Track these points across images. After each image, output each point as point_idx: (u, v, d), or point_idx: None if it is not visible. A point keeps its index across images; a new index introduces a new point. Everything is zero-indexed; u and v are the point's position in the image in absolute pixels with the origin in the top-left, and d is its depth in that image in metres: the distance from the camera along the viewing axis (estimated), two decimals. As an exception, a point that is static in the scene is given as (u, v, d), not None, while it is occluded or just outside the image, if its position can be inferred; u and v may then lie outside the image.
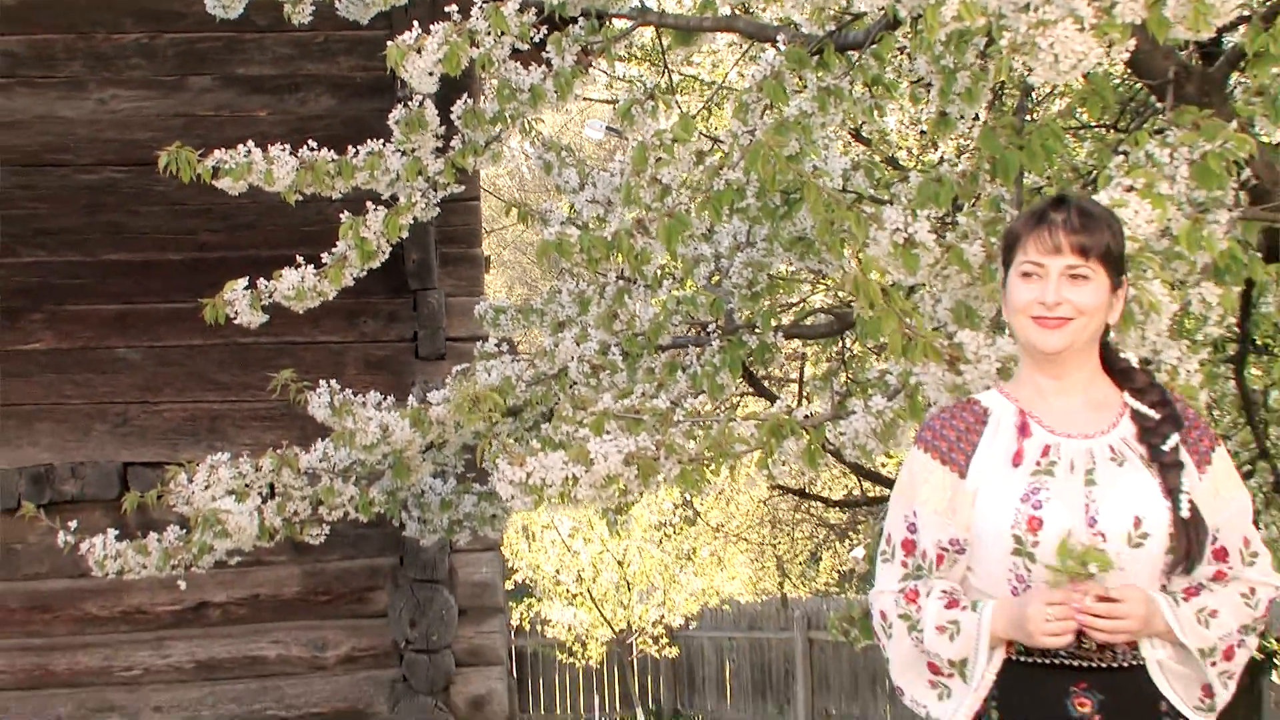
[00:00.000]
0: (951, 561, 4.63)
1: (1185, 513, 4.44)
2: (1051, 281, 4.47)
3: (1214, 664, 4.52)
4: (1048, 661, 4.49)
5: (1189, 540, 4.44)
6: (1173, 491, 4.47)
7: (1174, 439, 4.53)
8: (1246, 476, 8.25)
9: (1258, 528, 4.88)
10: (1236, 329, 8.25)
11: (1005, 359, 5.47)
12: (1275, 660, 11.28)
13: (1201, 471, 4.57)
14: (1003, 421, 4.61)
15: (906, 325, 5.62)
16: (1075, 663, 4.47)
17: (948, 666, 4.59)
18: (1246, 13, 6.10)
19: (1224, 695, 4.58)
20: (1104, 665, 4.48)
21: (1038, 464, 4.51)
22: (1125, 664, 4.49)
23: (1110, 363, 4.71)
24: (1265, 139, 5.83)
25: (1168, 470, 4.49)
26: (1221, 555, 4.58)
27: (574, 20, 6.42)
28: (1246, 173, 5.95)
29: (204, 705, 10.02)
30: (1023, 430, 4.57)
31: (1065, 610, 4.31)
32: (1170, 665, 4.50)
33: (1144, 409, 4.58)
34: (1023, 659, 4.51)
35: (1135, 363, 4.76)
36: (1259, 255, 5.94)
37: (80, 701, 9.99)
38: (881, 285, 5.54)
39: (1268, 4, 6.49)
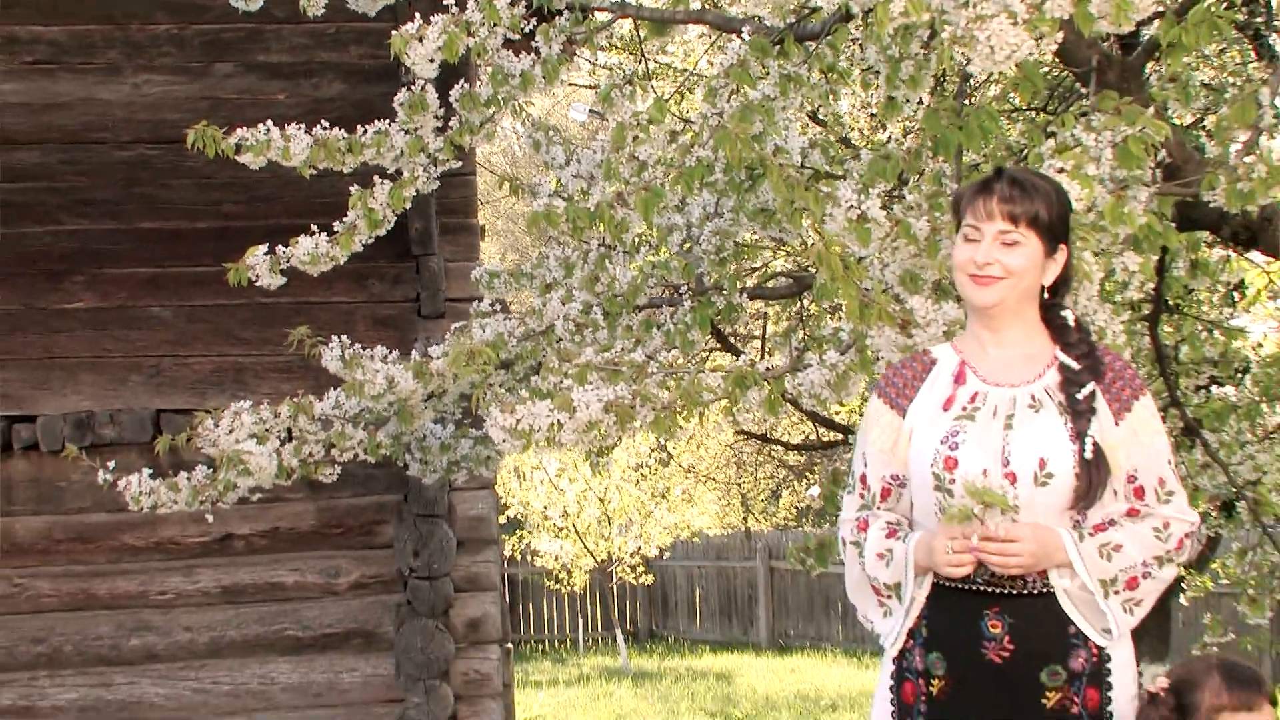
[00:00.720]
0: (896, 495, 4.72)
1: (1089, 454, 4.49)
2: (985, 243, 4.55)
3: (1116, 593, 4.56)
4: (965, 587, 4.55)
5: (1090, 479, 4.50)
6: (1080, 435, 4.53)
7: (1089, 388, 4.60)
8: (1159, 423, 8.27)
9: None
10: (1153, 291, 8.26)
11: (951, 323, 5.51)
12: (1183, 585, 11.28)
13: (1120, 418, 4.61)
14: (943, 369, 4.69)
15: (864, 293, 5.64)
16: (990, 589, 4.54)
17: (885, 589, 4.68)
18: (1161, 8, 6.12)
19: (1129, 620, 4.62)
20: (1015, 592, 4.55)
21: (963, 409, 4.60)
22: (1036, 591, 4.55)
23: (1049, 320, 4.74)
24: (1178, 121, 5.84)
25: (1079, 416, 4.55)
26: (1139, 493, 4.63)
27: (560, 13, 6.42)
28: (1162, 153, 5.97)
29: (229, 626, 10.03)
30: (958, 379, 4.66)
31: (962, 544, 4.39)
32: (1077, 593, 4.55)
33: (1069, 361, 4.64)
34: (946, 584, 4.58)
35: (1072, 321, 4.79)
36: (1173, 226, 5.95)
37: (119, 622, 9.99)
38: (842, 257, 5.56)
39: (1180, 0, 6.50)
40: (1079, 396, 4.58)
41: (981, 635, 4.54)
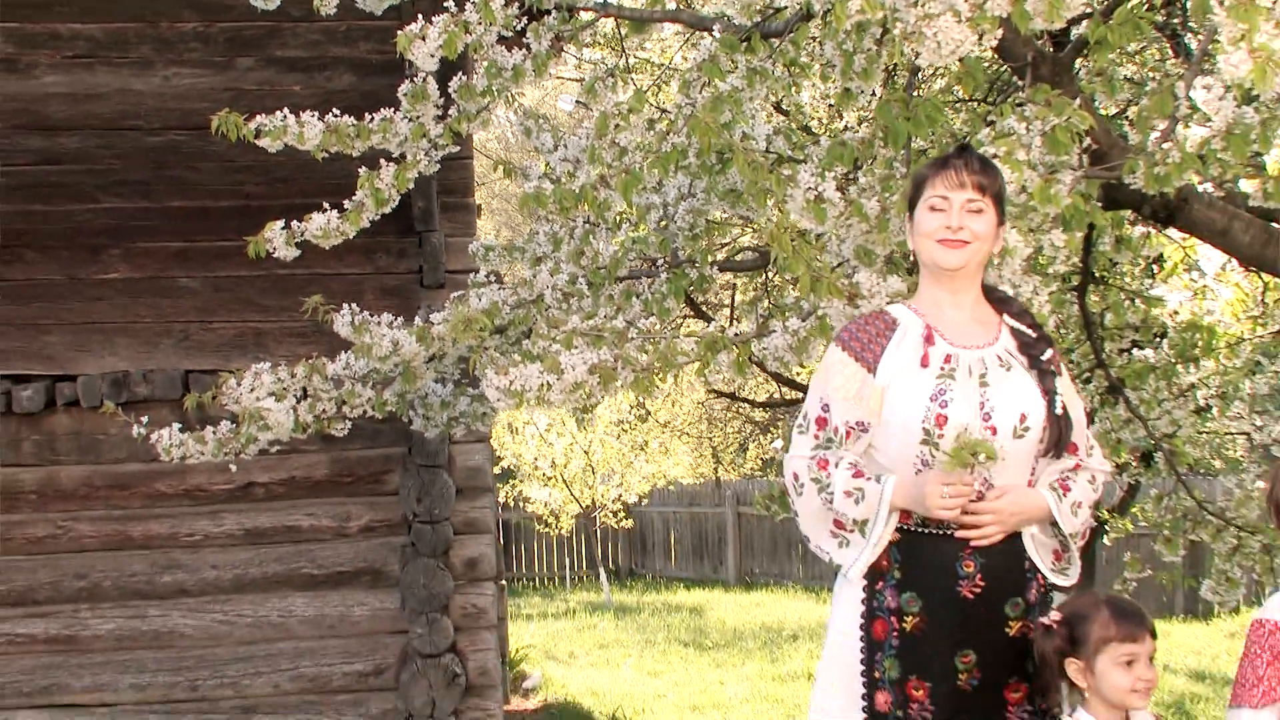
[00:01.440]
0: (857, 438, 4.70)
1: (1059, 410, 4.59)
2: (955, 211, 4.60)
3: (1077, 544, 4.67)
4: (942, 532, 4.57)
5: (1059, 432, 4.59)
6: (1050, 393, 4.61)
7: (1049, 353, 4.70)
8: (1086, 382, 8.33)
9: (1093, 424, 4.96)
10: (1080, 264, 8.27)
11: (894, 294, 5.53)
12: (1107, 527, 11.32)
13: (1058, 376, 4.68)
14: (910, 331, 4.70)
15: (813, 268, 5.64)
16: (966, 535, 4.57)
17: (851, 524, 4.66)
18: (1089, 9, 6.12)
19: (1079, 563, 4.72)
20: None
21: (942, 369, 4.61)
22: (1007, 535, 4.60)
23: (989, 292, 4.82)
24: (1103, 112, 5.85)
25: (1045, 376, 4.64)
26: (1073, 450, 4.71)
27: (548, 12, 6.41)
28: (1088, 141, 5.97)
29: (251, 565, 10.03)
30: (928, 340, 4.67)
31: (955, 489, 4.42)
32: (1038, 537, 4.63)
33: (1022, 328, 4.74)
34: (922, 530, 4.59)
35: (1008, 295, 4.92)
36: (1098, 205, 5.95)
37: (152, 561, 9.99)
38: (793, 236, 5.57)
39: (1107, 1, 6.50)
40: (1043, 359, 4.67)
41: (957, 575, 4.57)
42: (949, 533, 4.56)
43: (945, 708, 4.57)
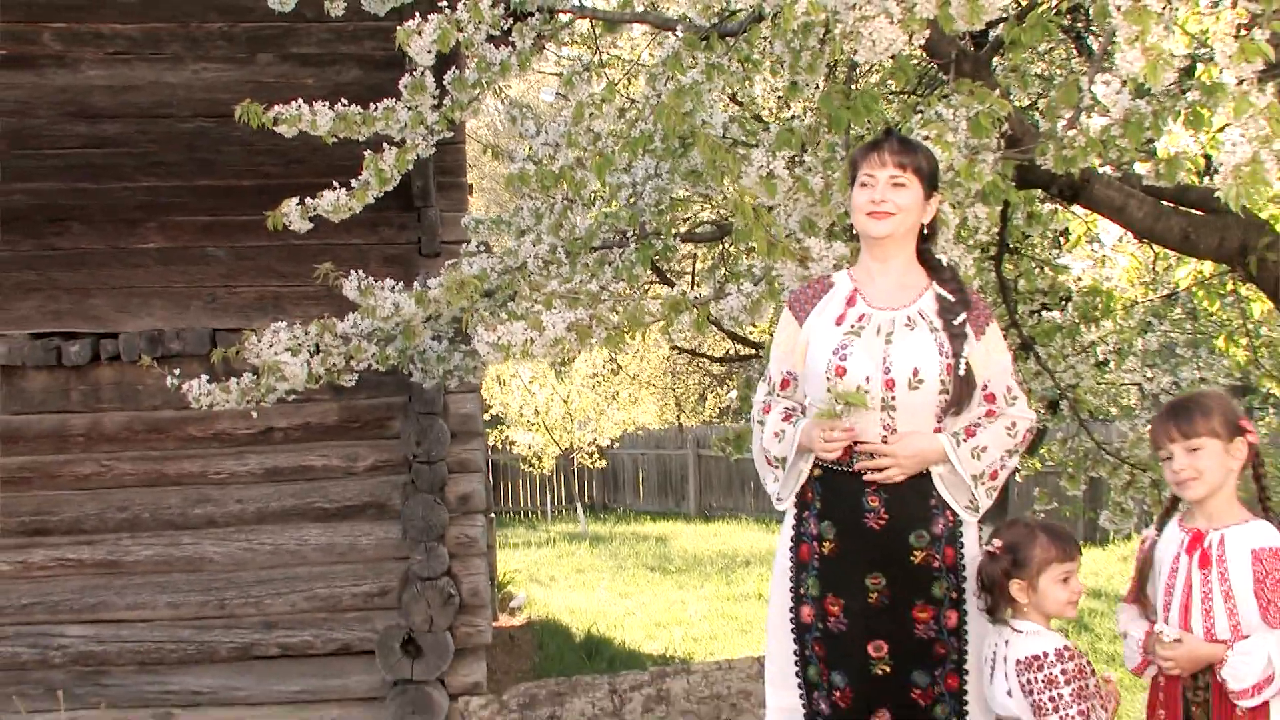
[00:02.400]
0: (793, 387, 4.82)
1: (962, 371, 4.60)
2: (880, 186, 4.68)
3: (983, 483, 4.67)
4: (849, 470, 4.63)
5: (960, 390, 4.60)
6: (957, 355, 4.63)
7: (962, 316, 4.70)
8: (1002, 340, 8.35)
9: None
10: (997, 235, 8.27)
11: (839, 258, 5.56)
12: (1018, 466, 11.33)
13: (979, 337, 4.71)
14: (837, 293, 4.79)
15: (770, 234, 5.64)
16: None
17: (776, 460, 4.78)
18: (1005, 14, 6.12)
19: (987, 501, 4.72)
20: None
21: (852, 327, 4.68)
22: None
23: (925, 259, 4.84)
24: (1017, 102, 5.85)
25: (954, 338, 4.66)
26: (992, 399, 4.74)
27: (531, 14, 6.39)
28: (1005, 127, 5.97)
29: (271, 499, 10.03)
30: (850, 301, 4.76)
31: (829, 434, 4.53)
32: (947, 476, 4.65)
33: (945, 293, 4.76)
34: (835, 468, 4.66)
35: (945, 261, 4.97)
36: (1013, 184, 5.96)
37: (185, 496, 9.98)
38: (754, 206, 5.57)
39: (1020, 5, 6.50)
40: (955, 323, 4.69)
41: (863, 509, 4.62)
42: (855, 473, 4.62)
43: (858, 622, 4.62)
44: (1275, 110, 4.75)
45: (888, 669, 4.61)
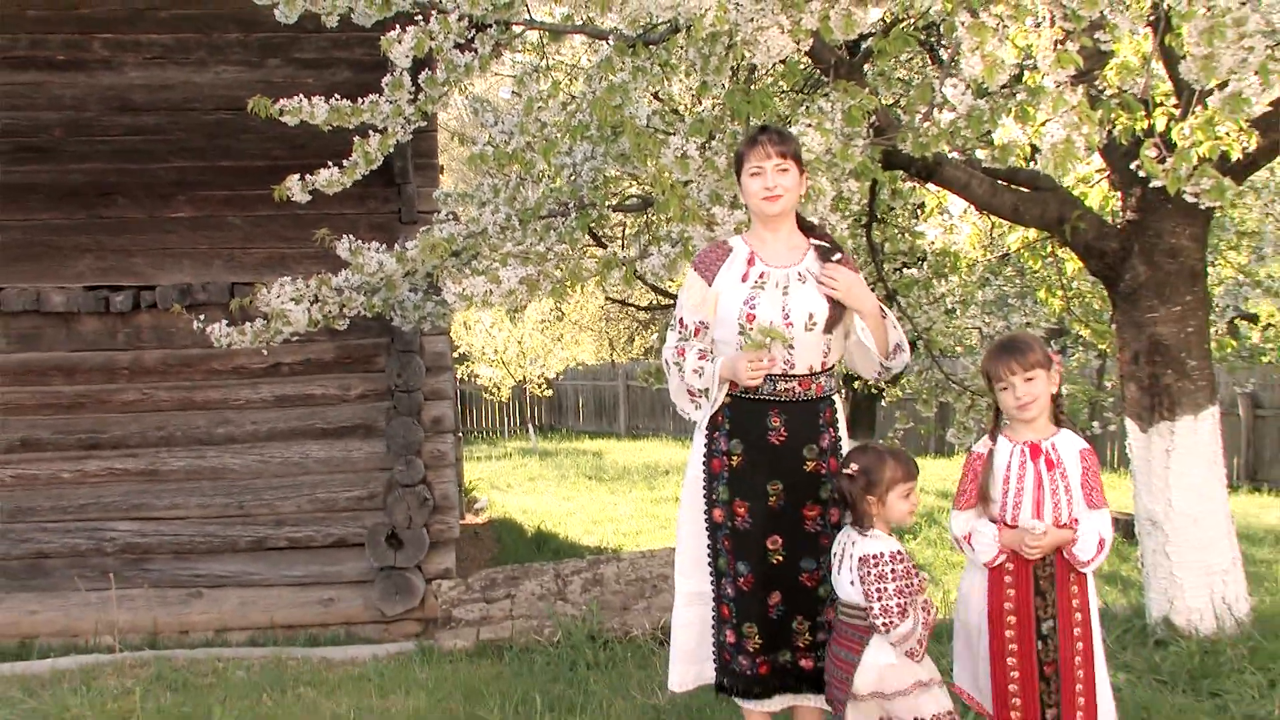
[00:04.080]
0: (704, 334, 4.76)
1: (831, 295, 4.65)
2: (768, 173, 4.66)
3: (894, 356, 4.86)
4: (757, 397, 4.64)
5: (833, 317, 4.65)
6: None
7: (838, 256, 4.75)
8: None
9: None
10: (867, 207, 8.31)
11: (739, 224, 5.60)
12: (883, 393, 11.44)
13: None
14: (738, 255, 4.75)
15: (685, 205, 5.65)
16: (772, 399, 4.65)
17: (699, 393, 4.73)
18: (874, 29, 6.14)
19: (893, 370, 4.93)
20: (789, 400, 4.66)
21: (756, 282, 4.66)
22: (800, 400, 4.67)
23: (801, 223, 4.83)
24: (884, 100, 5.88)
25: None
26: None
27: (490, 26, 6.36)
28: (874, 119, 5.99)
29: (280, 421, 10.00)
30: (750, 262, 4.72)
31: (757, 364, 4.54)
32: (858, 354, 4.82)
33: (820, 243, 4.79)
34: (744, 396, 4.65)
35: (816, 222, 4.97)
36: (880, 165, 5.99)
37: (209, 418, 9.95)
38: (671, 182, 5.59)
39: (886, 21, 6.51)
40: (832, 260, 4.72)
41: (767, 428, 4.64)
42: (760, 399, 4.64)
43: (760, 521, 4.64)
44: (1083, 106, 4.82)
45: (782, 558, 4.63)
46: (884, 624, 4.30)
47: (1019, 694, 4.43)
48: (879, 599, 4.31)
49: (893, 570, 4.33)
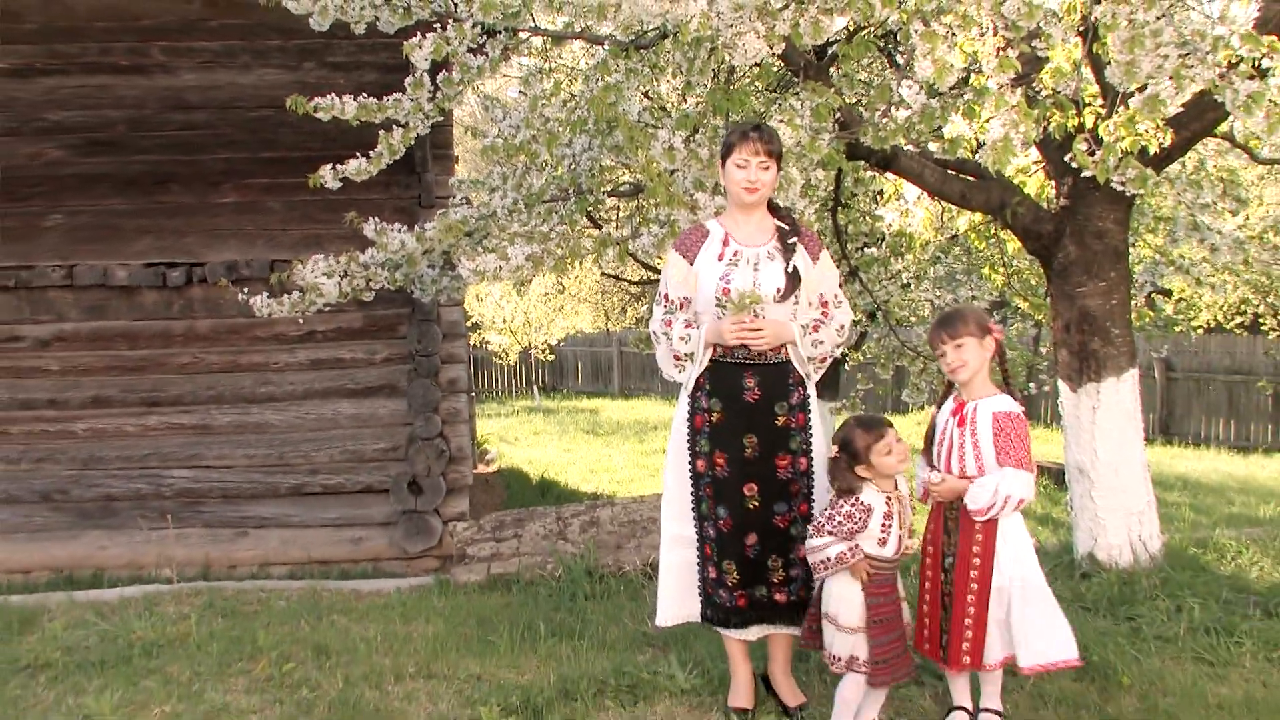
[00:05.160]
0: (688, 307, 4.75)
1: (790, 270, 4.66)
2: (752, 169, 4.66)
3: (814, 364, 4.77)
4: (734, 360, 4.65)
5: (790, 286, 4.64)
6: (788, 261, 4.68)
7: (793, 239, 4.73)
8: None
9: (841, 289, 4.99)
10: (833, 193, 8.31)
11: (719, 208, 5.58)
12: (847, 358, 11.44)
13: (815, 260, 4.74)
14: (715, 237, 4.75)
15: (671, 191, 5.65)
16: (748, 362, 4.66)
17: (685, 357, 4.74)
18: (839, 37, 6.12)
19: (816, 375, 4.82)
20: (762, 363, 4.66)
21: (731, 260, 4.67)
22: (772, 362, 4.68)
23: (772, 208, 4.82)
24: (847, 99, 5.88)
25: (789, 252, 4.70)
26: (825, 304, 4.78)
27: (500, 32, 6.34)
28: (839, 115, 5.99)
29: (315, 382, 10.00)
30: (725, 242, 4.72)
31: (739, 324, 4.54)
32: (796, 356, 4.70)
33: (784, 225, 4.77)
34: (723, 359, 4.67)
35: (781, 205, 4.93)
36: (844, 155, 5.99)
37: (253, 379, 9.95)
38: (659, 170, 5.59)
39: (849, 29, 6.49)
40: (789, 242, 4.71)
41: (743, 387, 4.65)
42: (737, 362, 4.65)
43: (737, 470, 4.67)
44: (1022, 105, 4.83)
45: (757, 503, 4.66)
46: (813, 526, 4.46)
47: (928, 620, 4.53)
48: (827, 509, 4.44)
49: (849, 511, 4.38)
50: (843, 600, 4.44)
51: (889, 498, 4.43)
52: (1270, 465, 17.12)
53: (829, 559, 4.40)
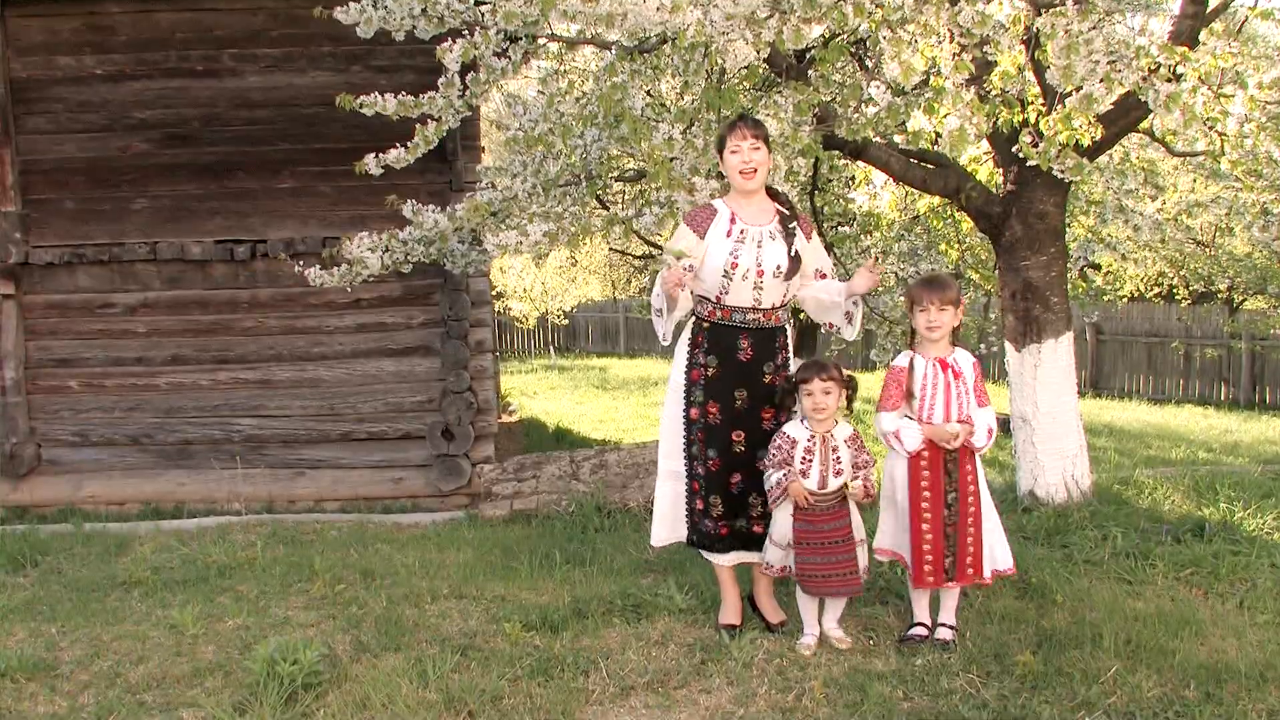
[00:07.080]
0: (691, 276, 4.70)
1: (792, 254, 4.64)
2: (745, 152, 4.65)
3: (846, 318, 4.88)
4: (731, 324, 4.68)
5: (792, 267, 4.62)
6: (789, 244, 4.67)
7: (794, 223, 4.74)
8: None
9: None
10: (811, 178, 8.28)
11: (714, 191, 5.56)
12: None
13: (809, 239, 4.77)
14: (722, 216, 4.71)
15: (670, 176, 5.63)
16: (744, 325, 4.68)
17: (658, 311, 4.74)
18: (815, 43, 6.10)
19: (850, 329, 4.91)
20: (756, 327, 4.68)
21: (738, 239, 4.64)
22: (764, 327, 4.70)
23: (771, 193, 4.82)
24: (824, 97, 5.87)
25: (790, 235, 4.69)
26: (822, 276, 4.81)
27: (521, 38, 6.32)
28: (817, 110, 5.96)
29: (360, 343, 9.98)
30: (732, 221, 4.70)
31: (668, 275, 4.49)
32: (826, 308, 4.84)
33: (783, 209, 4.76)
34: (723, 323, 4.70)
35: (779, 190, 4.95)
36: (821, 146, 5.97)
37: (308, 340, 9.92)
38: (660, 158, 5.57)
39: (825, 36, 6.47)
40: (789, 226, 4.71)
41: (737, 347, 4.67)
42: (735, 325, 4.66)
43: (727, 419, 4.70)
44: (974, 103, 4.81)
45: (743, 449, 4.70)
46: (760, 464, 4.62)
47: (930, 549, 4.53)
48: (771, 462, 4.54)
49: (778, 443, 4.53)
50: (776, 522, 4.62)
51: (812, 435, 4.49)
52: (1181, 415, 17.30)
53: (772, 486, 4.53)
